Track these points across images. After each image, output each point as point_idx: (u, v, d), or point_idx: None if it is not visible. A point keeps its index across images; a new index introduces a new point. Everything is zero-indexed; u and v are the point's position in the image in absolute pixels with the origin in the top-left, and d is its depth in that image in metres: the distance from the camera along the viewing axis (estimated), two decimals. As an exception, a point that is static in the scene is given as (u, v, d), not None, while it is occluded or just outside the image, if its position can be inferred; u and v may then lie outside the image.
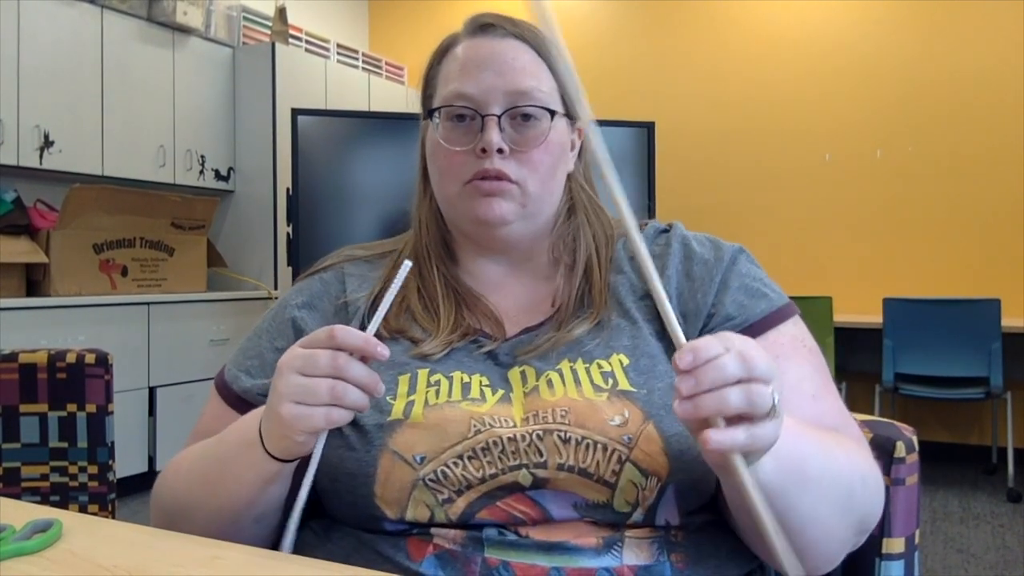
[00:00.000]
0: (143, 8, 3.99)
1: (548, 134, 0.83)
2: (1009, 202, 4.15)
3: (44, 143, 3.58)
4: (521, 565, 0.69)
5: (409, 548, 0.72)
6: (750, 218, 4.70)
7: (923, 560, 2.82)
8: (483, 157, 0.81)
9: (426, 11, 5.58)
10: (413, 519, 0.71)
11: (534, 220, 0.86)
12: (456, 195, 0.84)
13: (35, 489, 1.31)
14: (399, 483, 0.72)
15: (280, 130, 4.27)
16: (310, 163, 3.35)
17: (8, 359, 1.30)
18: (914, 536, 0.86)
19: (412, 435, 0.73)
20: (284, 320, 0.87)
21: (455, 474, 0.71)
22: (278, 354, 0.83)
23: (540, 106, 0.83)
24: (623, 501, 0.71)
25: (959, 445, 4.25)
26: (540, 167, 0.83)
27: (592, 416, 0.73)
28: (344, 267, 0.91)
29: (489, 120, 0.81)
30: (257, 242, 4.37)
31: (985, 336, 3.52)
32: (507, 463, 0.71)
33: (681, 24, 4.90)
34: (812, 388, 0.79)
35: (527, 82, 0.83)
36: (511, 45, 0.84)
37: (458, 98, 0.83)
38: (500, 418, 0.74)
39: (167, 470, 0.86)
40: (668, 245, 0.87)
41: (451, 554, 0.70)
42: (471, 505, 0.71)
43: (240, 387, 0.85)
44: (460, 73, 0.84)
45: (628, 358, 0.78)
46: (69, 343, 3.39)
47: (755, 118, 4.68)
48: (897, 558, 0.85)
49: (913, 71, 4.35)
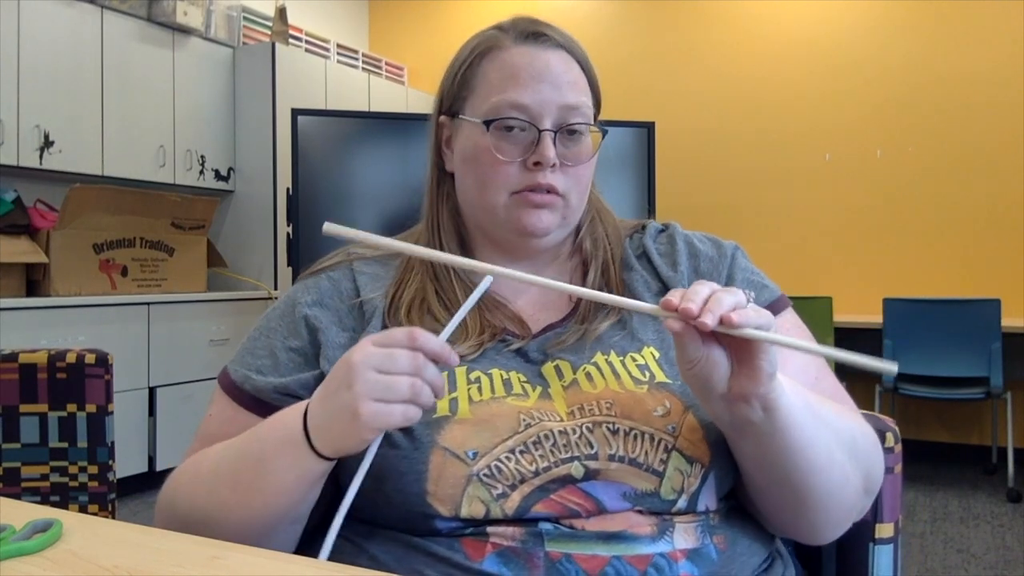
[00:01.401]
0: (143, 8, 3.99)
1: (594, 150, 0.86)
2: (1009, 202, 4.15)
3: (44, 143, 3.59)
4: (583, 556, 0.70)
5: (466, 548, 0.71)
6: (750, 218, 4.70)
7: (923, 560, 2.82)
8: (535, 170, 0.82)
9: (426, 11, 5.58)
10: (468, 516, 0.71)
11: (568, 228, 0.89)
12: (502, 205, 0.84)
13: (35, 489, 1.31)
14: (452, 479, 0.72)
15: (280, 130, 4.27)
16: (310, 163, 3.35)
17: (8, 359, 1.30)
18: (899, 521, 0.91)
19: (461, 431, 0.74)
20: (296, 319, 0.85)
21: (509, 468, 0.72)
22: (291, 354, 0.84)
23: (589, 123, 0.85)
24: (670, 488, 0.73)
25: (959, 445, 4.25)
26: (583, 180, 0.86)
27: (636, 408, 0.76)
28: (353, 265, 0.90)
29: (545, 135, 0.82)
30: (257, 242, 4.37)
31: (985, 336, 3.52)
32: (559, 456, 0.73)
33: (681, 24, 4.91)
34: (815, 370, 0.84)
35: (579, 97, 0.84)
36: (563, 58, 0.85)
37: (513, 108, 0.83)
38: (547, 412, 0.76)
39: (179, 476, 0.82)
40: (673, 243, 0.90)
41: (512, 551, 0.70)
42: (526, 499, 0.71)
43: (254, 387, 0.83)
44: (514, 82, 0.83)
45: (658, 351, 0.82)
46: (69, 343, 3.39)
47: (755, 118, 4.68)
48: (887, 542, 0.90)
49: (913, 71, 4.35)
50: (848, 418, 0.79)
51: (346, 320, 0.84)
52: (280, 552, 0.63)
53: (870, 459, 0.79)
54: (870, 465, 0.79)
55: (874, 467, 0.80)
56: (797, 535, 0.81)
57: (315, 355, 0.84)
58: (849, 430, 0.78)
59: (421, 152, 0.95)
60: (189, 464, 0.83)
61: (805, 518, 0.77)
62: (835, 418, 0.77)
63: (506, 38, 0.86)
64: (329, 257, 0.92)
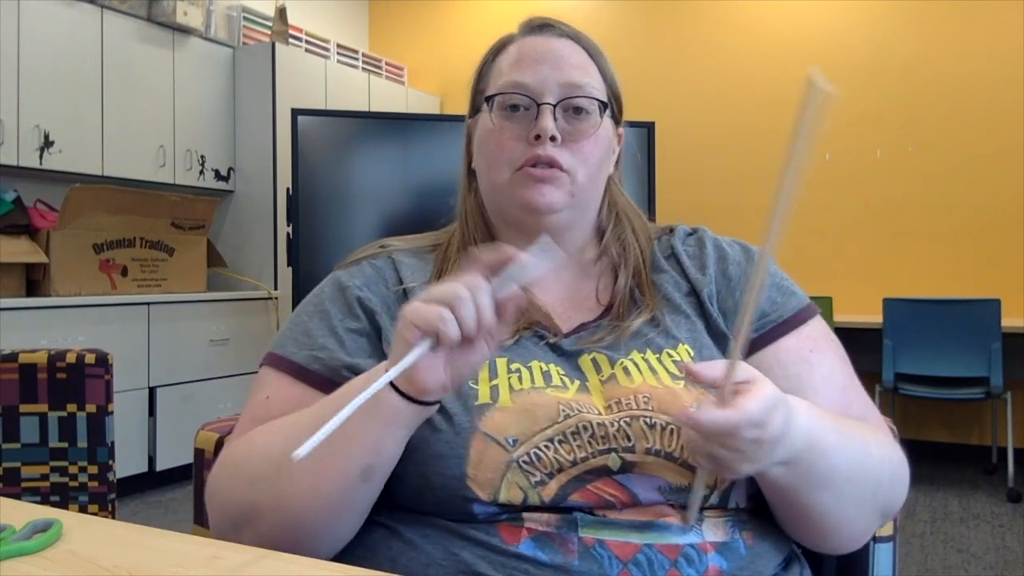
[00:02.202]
0: (143, 8, 3.99)
1: (599, 128, 0.86)
2: (1009, 202, 4.15)
3: (44, 143, 3.59)
4: (615, 543, 0.71)
5: (502, 533, 0.72)
6: (750, 218, 4.68)
7: (923, 560, 2.82)
8: (535, 144, 0.84)
9: (426, 11, 5.58)
10: (507, 501, 0.72)
11: (581, 211, 0.88)
12: (507, 182, 0.85)
13: (35, 489, 1.31)
14: (492, 464, 0.73)
15: (280, 130, 4.27)
16: (310, 163, 3.35)
17: (8, 359, 1.30)
18: (897, 520, 0.92)
19: (502, 418, 0.75)
20: (349, 301, 0.85)
21: (548, 456, 0.73)
22: (353, 335, 0.83)
23: (594, 97, 0.86)
24: (703, 484, 0.74)
25: (959, 445, 4.25)
26: (590, 158, 0.86)
27: (674, 403, 0.76)
28: (393, 255, 0.90)
29: (544, 108, 0.84)
30: (257, 242, 4.37)
31: (985, 336, 3.52)
32: (596, 447, 0.74)
33: (681, 24, 4.91)
34: (842, 380, 0.85)
35: (582, 77, 0.86)
36: (567, 44, 0.88)
37: (514, 87, 0.86)
38: (585, 404, 0.77)
39: (253, 438, 0.78)
40: (701, 247, 0.91)
41: (547, 535, 0.72)
42: (563, 487, 0.73)
43: (325, 365, 0.80)
44: (516, 65, 0.87)
45: (692, 348, 0.83)
46: (69, 343, 3.39)
47: (755, 118, 4.68)
48: (887, 540, 0.90)
49: (913, 71, 4.35)
50: (880, 453, 0.79)
51: (393, 308, 0.84)
52: (281, 552, 0.63)
53: (894, 492, 0.81)
54: (893, 497, 0.81)
55: (896, 499, 0.81)
56: (802, 543, 0.83)
57: (377, 337, 0.83)
58: (875, 474, 0.78)
59: (421, 152, 0.96)
60: (260, 429, 0.79)
61: (811, 539, 0.80)
62: (858, 463, 0.76)
63: (518, 34, 0.91)
64: (366, 248, 0.93)
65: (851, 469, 0.75)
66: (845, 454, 0.74)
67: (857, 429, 0.78)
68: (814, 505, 0.75)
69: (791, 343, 0.84)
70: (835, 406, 0.81)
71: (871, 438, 0.79)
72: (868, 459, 0.77)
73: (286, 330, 0.86)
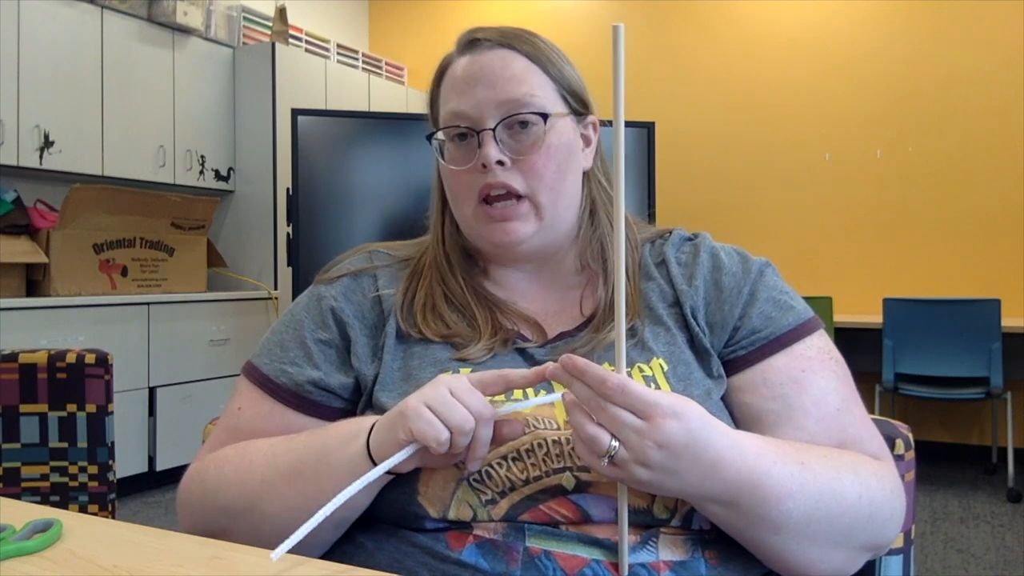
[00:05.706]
0: (143, 8, 3.99)
1: (545, 138, 0.83)
2: (1009, 202, 4.15)
3: (44, 143, 3.58)
4: (563, 555, 0.69)
5: (448, 540, 0.72)
6: (750, 218, 4.70)
7: (923, 560, 2.82)
8: (485, 172, 0.82)
9: (426, 11, 5.58)
10: (456, 518, 0.72)
11: (554, 229, 0.86)
12: (471, 216, 0.85)
13: (35, 489, 1.31)
14: (443, 481, 0.72)
15: (280, 130, 4.27)
16: (310, 163, 3.35)
17: (8, 359, 1.30)
18: (911, 531, 0.87)
19: None
20: (324, 311, 0.86)
21: (499, 475, 0.72)
22: (322, 346, 0.84)
23: (533, 112, 0.82)
24: (663, 507, 0.72)
25: (959, 445, 4.25)
26: (545, 173, 0.83)
27: None
28: (374, 261, 0.92)
29: (484, 135, 0.82)
30: (257, 242, 4.37)
31: (985, 336, 3.52)
32: (551, 465, 0.72)
33: (681, 24, 4.90)
34: (837, 401, 0.80)
35: (519, 89, 0.83)
36: (500, 55, 0.85)
37: (454, 118, 0.84)
38: (544, 419, 0.75)
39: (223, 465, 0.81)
40: (696, 254, 0.88)
41: (492, 543, 0.71)
42: (515, 507, 0.71)
43: (291, 380, 0.83)
44: (453, 91, 0.85)
45: (667, 363, 0.80)
46: (69, 343, 3.39)
47: (755, 118, 4.68)
48: (896, 553, 0.86)
49: (913, 71, 4.35)
50: (856, 486, 0.73)
51: (368, 315, 0.86)
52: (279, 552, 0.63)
53: (878, 529, 0.75)
54: (877, 535, 0.75)
55: (882, 535, 0.76)
56: None
57: (346, 349, 0.84)
58: (852, 509, 0.72)
59: (421, 152, 0.96)
60: (231, 453, 0.82)
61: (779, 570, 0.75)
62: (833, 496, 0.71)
63: (453, 54, 0.88)
64: (346, 255, 0.93)
65: (814, 512, 0.70)
66: (805, 499, 0.69)
67: (832, 464, 0.73)
68: (768, 545, 0.71)
69: (781, 362, 0.81)
70: (827, 429, 0.77)
71: (849, 474, 0.73)
72: (839, 500, 0.71)
73: (264, 339, 0.89)
